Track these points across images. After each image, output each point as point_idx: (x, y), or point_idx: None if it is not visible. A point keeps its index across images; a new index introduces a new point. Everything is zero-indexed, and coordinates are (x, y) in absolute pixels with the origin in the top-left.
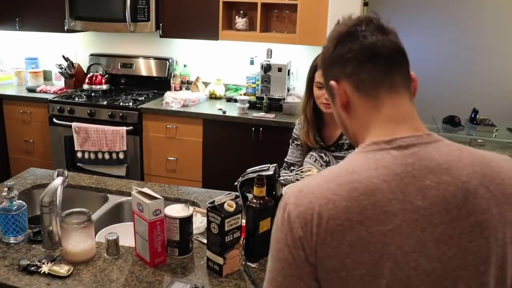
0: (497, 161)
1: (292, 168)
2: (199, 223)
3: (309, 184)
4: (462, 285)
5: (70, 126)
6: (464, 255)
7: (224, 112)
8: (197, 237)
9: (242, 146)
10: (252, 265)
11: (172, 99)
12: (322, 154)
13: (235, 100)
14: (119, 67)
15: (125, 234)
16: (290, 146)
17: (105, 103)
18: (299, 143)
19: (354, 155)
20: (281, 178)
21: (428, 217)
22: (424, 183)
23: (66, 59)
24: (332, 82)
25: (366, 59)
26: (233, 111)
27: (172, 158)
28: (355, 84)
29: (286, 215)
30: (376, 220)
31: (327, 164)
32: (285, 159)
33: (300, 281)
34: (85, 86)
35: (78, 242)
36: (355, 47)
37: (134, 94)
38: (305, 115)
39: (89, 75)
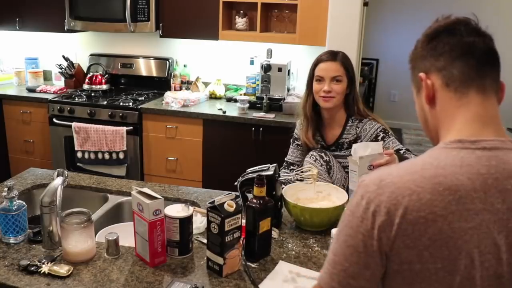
0: None
1: (291, 167)
2: (199, 223)
3: (390, 174)
4: None
5: (70, 126)
6: None
7: (224, 112)
8: (197, 237)
9: (242, 146)
10: (252, 265)
11: (172, 99)
12: (322, 154)
13: (235, 100)
14: (119, 67)
15: (125, 234)
16: (291, 146)
17: (105, 103)
18: (299, 143)
19: (437, 150)
20: (281, 178)
21: (505, 221)
22: (505, 187)
23: (66, 59)
24: (421, 74)
25: (460, 55)
26: (233, 111)
27: (172, 158)
28: (445, 78)
29: (365, 203)
30: (459, 216)
31: (327, 163)
32: (285, 159)
33: (366, 270)
34: (85, 86)
35: (78, 242)
36: (452, 42)
37: (134, 94)
38: (304, 113)
39: (89, 75)
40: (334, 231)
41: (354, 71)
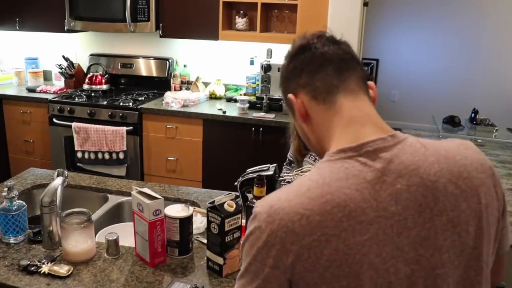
0: (462, 152)
1: (293, 165)
2: (199, 223)
3: (279, 199)
4: (441, 283)
5: (70, 126)
6: (440, 253)
7: (224, 112)
8: (197, 237)
9: (242, 146)
10: None
11: (172, 99)
12: None
13: (235, 100)
14: (119, 67)
15: (125, 234)
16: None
17: (105, 103)
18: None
19: (322, 164)
20: (281, 177)
21: (403, 222)
22: (395, 188)
23: (66, 59)
24: (290, 95)
25: (318, 67)
26: (233, 111)
27: (172, 158)
28: (311, 93)
29: (258, 233)
30: (352, 232)
31: None
32: (288, 155)
33: None
34: (85, 86)
35: (78, 242)
36: (307, 58)
37: (134, 94)
38: (294, 129)
39: (89, 75)
40: None
41: None
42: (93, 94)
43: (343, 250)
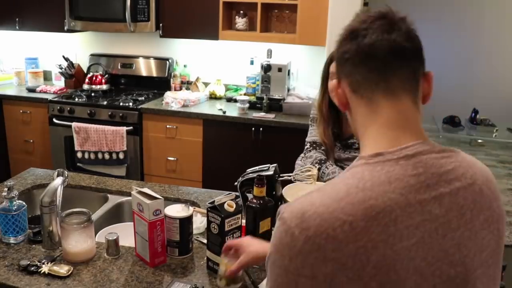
0: (478, 161)
1: (322, 147)
2: (199, 223)
3: (313, 204)
4: (479, 284)
5: (70, 126)
6: (480, 253)
7: (224, 112)
8: (197, 237)
9: (242, 146)
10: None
11: (172, 99)
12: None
13: (235, 100)
14: (119, 67)
15: (125, 234)
16: (310, 127)
17: (105, 103)
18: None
19: (359, 168)
20: (295, 171)
21: (447, 224)
22: (438, 191)
23: (66, 59)
24: (332, 82)
25: (362, 59)
26: (233, 111)
27: (172, 158)
28: (352, 85)
29: (290, 240)
30: (400, 237)
31: (320, 162)
32: (307, 140)
33: None
34: (85, 86)
35: (78, 242)
36: (352, 47)
37: (134, 94)
38: (321, 112)
39: (89, 75)
40: None
41: None
42: (93, 94)
43: (391, 256)
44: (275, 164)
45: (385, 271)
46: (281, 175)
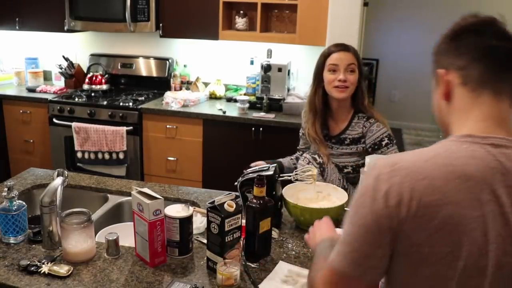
0: None
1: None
2: (199, 223)
3: (403, 159)
4: None
5: (70, 126)
6: None
7: (224, 112)
8: (197, 237)
9: (242, 146)
10: (252, 265)
11: (172, 99)
12: (316, 156)
13: (235, 100)
14: (119, 67)
15: (125, 234)
16: (300, 138)
17: (105, 103)
18: (303, 131)
19: (448, 142)
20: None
21: (509, 215)
22: (510, 183)
23: (66, 59)
24: (441, 70)
25: (481, 57)
26: (233, 111)
27: (172, 158)
28: (464, 78)
29: (377, 184)
30: (468, 204)
31: (321, 165)
32: (298, 148)
33: (378, 249)
34: (85, 86)
35: (78, 242)
36: (476, 43)
37: (134, 94)
38: (312, 106)
39: (89, 75)
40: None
41: (362, 65)
42: (93, 94)
43: (458, 218)
44: (275, 164)
45: (449, 229)
46: (281, 175)
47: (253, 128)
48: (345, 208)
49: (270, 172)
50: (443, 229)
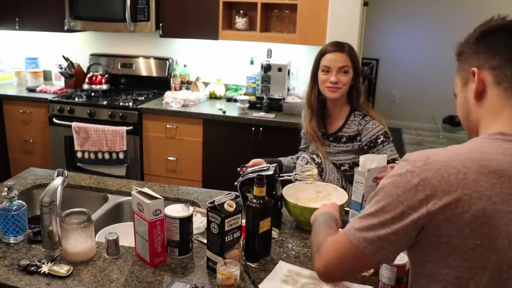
0: None
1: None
2: (199, 223)
3: (437, 154)
4: None
5: (70, 126)
6: None
7: (224, 112)
8: (197, 237)
9: (242, 146)
10: (252, 265)
11: (172, 99)
12: (314, 156)
13: (235, 100)
14: (119, 67)
15: (125, 234)
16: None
17: (105, 103)
18: (304, 131)
19: (480, 139)
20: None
21: None
22: None
23: (66, 59)
24: (474, 69)
25: None
26: (233, 111)
27: (172, 158)
28: (498, 77)
29: (410, 176)
30: (501, 199)
31: (319, 165)
32: (300, 148)
33: (394, 236)
34: (85, 86)
35: (78, 242)
36: (509, 42)
37: (134, 94)
38: (309, 103)
39: (89, 75)
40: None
41: (359, 63)
42: (93, 94)
43: (490, 212)
44: (275, 164)
45: (480, 222)
46: (281, 175)
47: (253, 128)
48: (345, 208)
49: (270, 172)
50: (475, 222)
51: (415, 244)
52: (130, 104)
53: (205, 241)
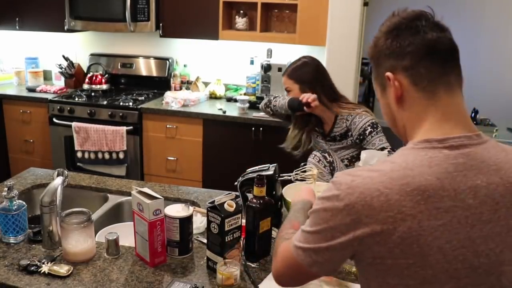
0: None
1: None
2: (199, 223)
3: (361, 175)
4: (505, 280)
5: (70, 126)
6: (509, 251)
7: (224, 112)
8: (197, 237)
9: (242, 146)
10: (252, 265)
11: (172, 99)
12: (326, 155)
13: (235, 100)
14: (119, 67)
15: (125, 234)
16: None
17: (105, 103)
18: None
19: (406, 151)
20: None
21: (478, 215)
22: (475, 183)
23: (66, 59)
24: (389, 74)
25: (426, 54)
26: (233, 111)
27: (172, 158)
28: (413, 78)
29: (336, 200)
30: (428, 215)
31: (331, 164)
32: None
33: (326, 252)
34: (85, 86)
35: (78, 242)
36: (416, 41)
37: (134, 94)
38: (299, 129)
39: (89, 75)
40: None
41: (310, 76)
42: (93, 94)
43: (417, 230)
44: (275, 164)
45: (409, 242)
46: (281, 175)
47: (253, 128)
48: None
49: (270, 172)
50: (403, 243)
51: (356, 261)
52: (130, 104)
53: (205, 241)
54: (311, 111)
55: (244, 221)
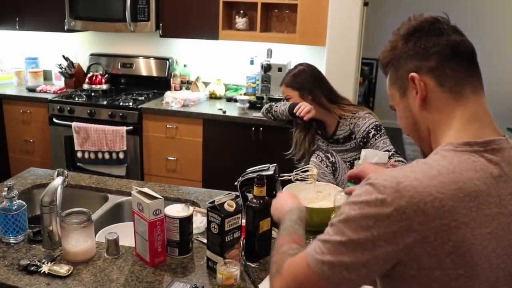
0: None
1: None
2: (199, 223)
3: (407, 177)
4: None
5: (70, 126)
6: None
7: (224, 112)
8: (197, 237)
9: (242, 146)
10: (252, 265)
11: (172, 99)
12: (329, 155)
13: (235, 100)
14: (119, 67)
15: (125, 234)
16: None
17: (105, 103)
18: None
19: (447, 153)
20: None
21: None
22: None
23: (66, 59)
24: (414, 74)
25: (450, 55)
26: (233, 111)
27: (172, 158)
28: (438, 79)
29: (380, 203)
30: (479, 223)
31: (333, 164)
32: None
33: (364, 268)
34: (85, 86)
35: (78, 242)
36: (441, 42)
37: (134, 94)
38: (302, 132)
39: (89, 75)
40: None
41: (308, 82)
42: (93, 94)
43: (470, 239)
44: (275, 164)
45: (461, 252)
46: (281, 175)
47: (253, 128)
48: None
49: (270, 172)
50: (455, 253)
51: (390, 275)
52: (130, 104)
53: (205, 241)
54: (309, 119)
55: (244, 221)
